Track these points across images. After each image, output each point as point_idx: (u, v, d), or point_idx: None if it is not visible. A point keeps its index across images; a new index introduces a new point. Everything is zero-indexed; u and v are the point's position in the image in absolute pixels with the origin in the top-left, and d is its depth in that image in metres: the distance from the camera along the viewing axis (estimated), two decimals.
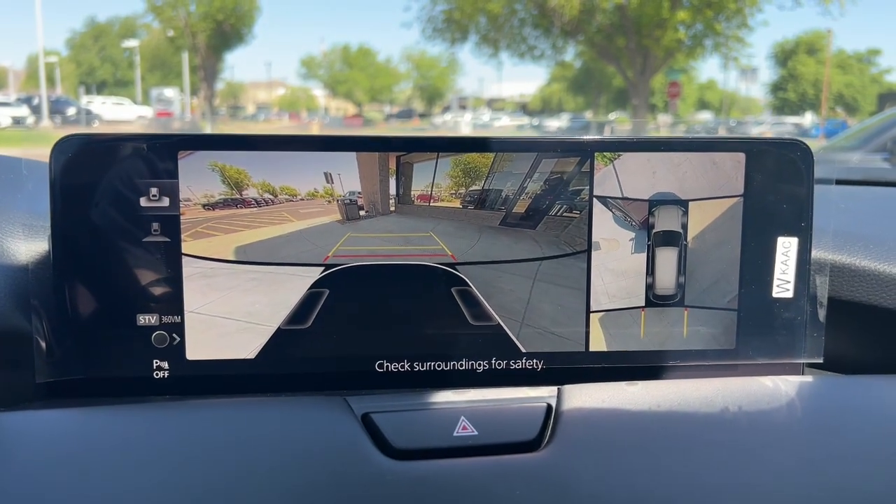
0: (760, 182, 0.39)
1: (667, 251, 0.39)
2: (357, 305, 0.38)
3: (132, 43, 32.92)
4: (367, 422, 0.34)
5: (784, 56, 33.79)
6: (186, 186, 0.36)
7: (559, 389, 0.37)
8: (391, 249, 0.38)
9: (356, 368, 0.38)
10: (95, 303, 0.36)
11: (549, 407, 0.36)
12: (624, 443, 0.34)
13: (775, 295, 0.40)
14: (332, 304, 0.38)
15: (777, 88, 34.32)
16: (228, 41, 28.36)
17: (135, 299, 0.36)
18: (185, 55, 28.58)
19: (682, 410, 0.36)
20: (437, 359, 0.39)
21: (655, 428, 0.35)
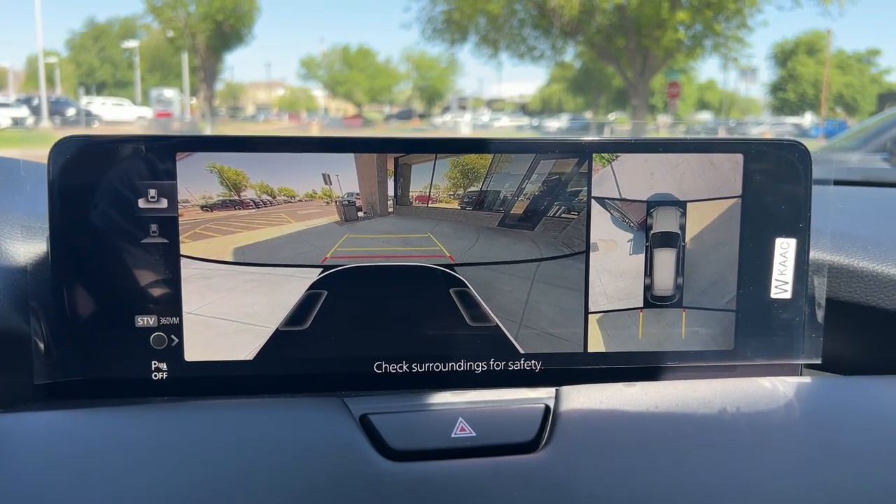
0: (758, 183, 0.39)
1: (665, 252, 0.39)
2: (355, 306, 0.38)
3: (132, 44, 32.93)
4: (365, 423, 0.34)
5: (784, 56, 33.79)
6: (185, 188, 0.36)
7: (557, 390, 0.37)
8: (389, 250, 0.38)
9: (354, 369, 0.38)
10: (94, 304, 0.36)
11: (548, 408, 0.36)
12: (622, 444, 0.34)
13: (773, 296, 0.40)
14: (331, 306, 0.38)
15: (777, 89, 34.31)
16: (228, 42, 28.36)
17: (133, 301, 0.36)
18: (185, 56, 28.59)
19: (681, 411, 0.36)
20: (436, 360, 0.39)
21: (654, 429, 0.35)
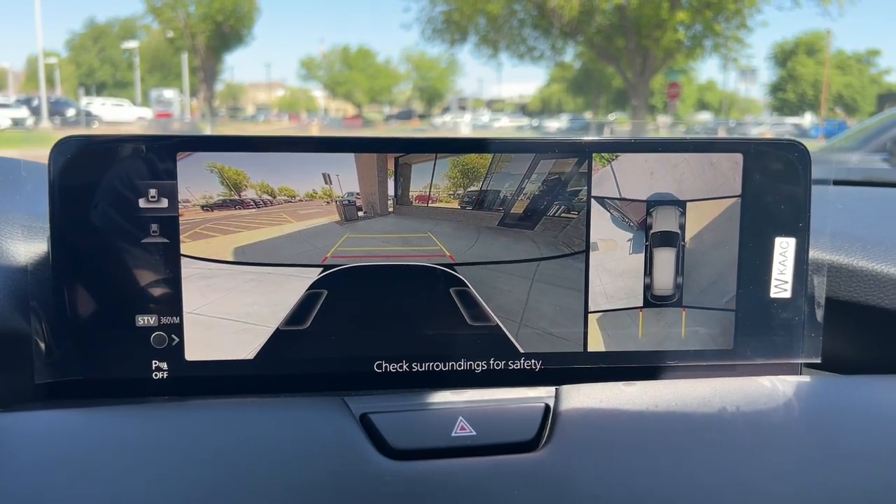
0: (758, 183, 0.39)
1: (665, 252, 0.39)
2: (356, 306, 0.38)
3: (132, 44, 32.92)
4: (366, 422, 0.34)
5: (783, 57, 33.79)
6: (185, 187, 0.36)
7: (557, 390, 0.37)
8: (389, 250, 0.38)
9: (355, 369, 0.38)
10: (94, 304, 0.36)
11: (547, 407, 0.36)
12: (622, 443, 0.34)
13: (773, 295, 0.40)
14: (331, 305, 0.38)
15: (776, 89, 34.32)
16: (228, 42, 28.37)
17: (134, 300, 0.37)
18: (185, 56, 28.58)
19: (680, 410, 0.36)
20: (436, 359, 0.39)
21: (653, 428, 0.35)
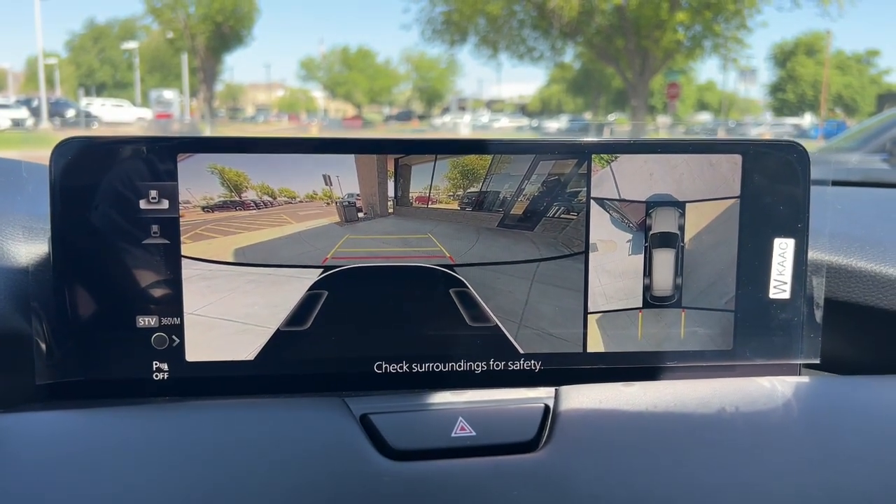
0: (757, 183, 0.39)
1: (664, 252, 0.40)
2: (356, 307, 0.38)
3: (131, 45, 32.92)
4: (366, 422, 0.34)
5: (783, 57, 33.79)
6: (186, 189, 0.37)
7: (557, 390, 0.37)
8: (389, 251, 0.38)
9: (355, 369, 0.38)
10: (95, 305, 0.36)
11: (547, 408, 0.36)
12: (621, 443, 0.34)
13: (772, 296, 0.40)
14: (331, 306, 0.38)
15: (776, 89, 34.31)
16: (228, 43, 28.37)
17: (134, 301, 0.37)
18: (185, 57, 28.58)
19: (680, 411, 0.36)
20: (436, 360, 0.39)
21: (653, 428, 0.35)
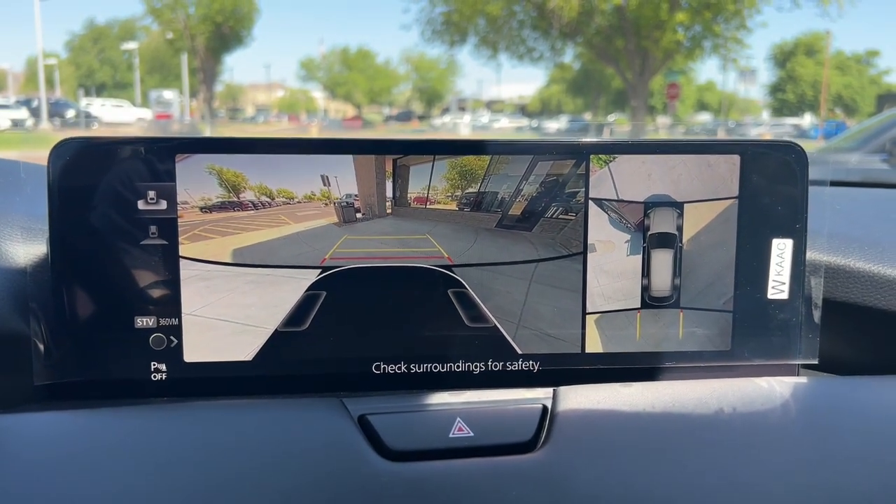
0: (755, 184, 0.39)
1: (662, 253, 0.40)
2: (354, 307, 0.38)
3: (131, 45, 32.92)
4: (364, 423, 0.34)
5: (783, 57, 33.80)
6: (184, 189, 0.37)
7: (555, 391, 0.37)
8: (388, 252, 0.38)
9: (353, 370, 0.38)
10: (93, 305, 0.36)
11: (545, 408, 0.36)
12: (619, 444, 0.34)
13: (770, 296, 0.40)
14: (329, 306, 0.38)
15: (776, 90, 34.32)
16: (227, 43, 28.38)
17: (132, 302, 0.37)
18: (185, 57, 28.58)
19: (678, 412, 0.36)
20: (434, 360, 0.39)
21: (651, 429, 0.35)
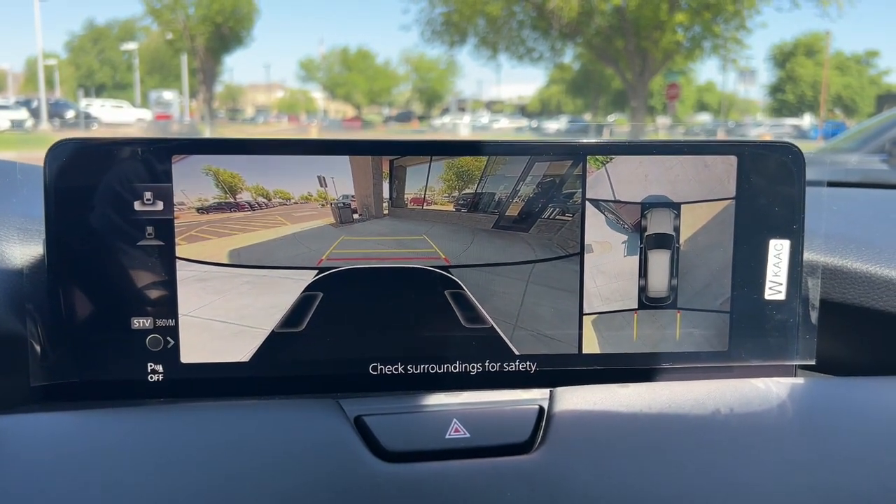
0: (752, 185, 0.39)
1: (659, 254, 0.40)
2: (351, 308, 0.38)
3: (131, 46, 32.92)
4: (360, 424, 0.34)
5: (782, 58, 33.81)
6: (181, 190, 0.37)
7: (551, 392, 0.37)
8: (385, 252, 0.38)
9: (350, 371, 0.38)
10: (90, 306, 0.36)
11: (542, 409, 0.36)
12: (616, 444, 0.34)
13: (767, 297, 0.40)
14: (326, 307, 0.38)
15: (776, 90, 34.34)
16: (227, 44, 28.40)
17: (129, 303, 0.37)
18: (184, 58, 28.58)
19: (675, 412, 0.36)
20: (431, 361, 0.39)
21: (648, 430, 0.35)
